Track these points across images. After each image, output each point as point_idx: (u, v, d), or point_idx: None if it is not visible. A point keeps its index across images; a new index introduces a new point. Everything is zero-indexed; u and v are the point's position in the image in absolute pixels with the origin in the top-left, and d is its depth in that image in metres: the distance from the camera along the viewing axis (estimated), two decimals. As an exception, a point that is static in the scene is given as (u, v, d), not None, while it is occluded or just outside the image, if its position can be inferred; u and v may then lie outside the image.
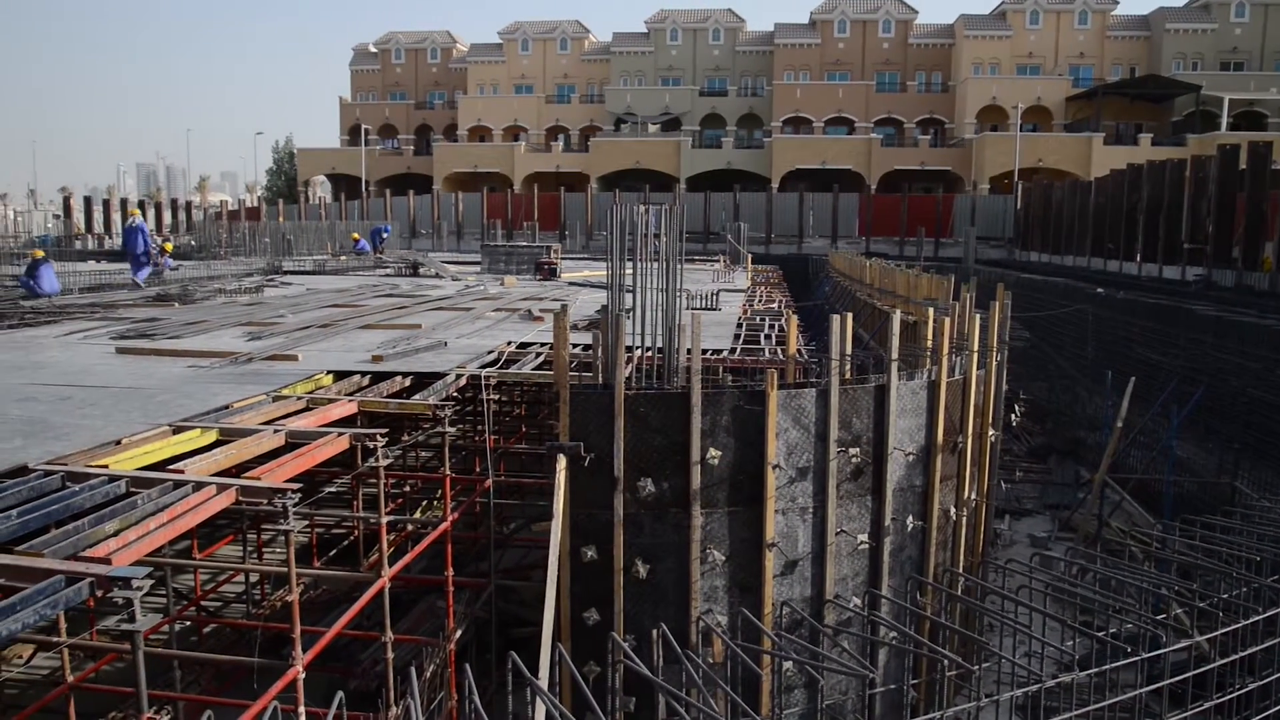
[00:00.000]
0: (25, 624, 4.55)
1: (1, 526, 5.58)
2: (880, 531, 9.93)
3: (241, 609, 12.96)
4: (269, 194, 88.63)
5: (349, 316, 17.03)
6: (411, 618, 12.28)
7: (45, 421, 8.48)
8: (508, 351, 12.62)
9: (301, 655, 6.97)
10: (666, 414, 9.18)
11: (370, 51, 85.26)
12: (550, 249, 32.80)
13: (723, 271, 32.47)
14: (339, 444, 8.02)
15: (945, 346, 10.44)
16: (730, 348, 13.38)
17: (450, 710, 9.79)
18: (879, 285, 20.86)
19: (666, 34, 77.42)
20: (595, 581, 9.31)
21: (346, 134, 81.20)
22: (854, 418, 9.73)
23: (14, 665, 11.22)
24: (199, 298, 20.99)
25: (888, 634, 9.80)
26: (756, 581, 9.43)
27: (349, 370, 11.05)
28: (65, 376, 10.94)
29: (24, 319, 16.47)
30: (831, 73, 74.56)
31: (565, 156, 73.85)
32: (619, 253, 10.09)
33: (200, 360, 12.11)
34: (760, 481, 9.30)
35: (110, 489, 6.43)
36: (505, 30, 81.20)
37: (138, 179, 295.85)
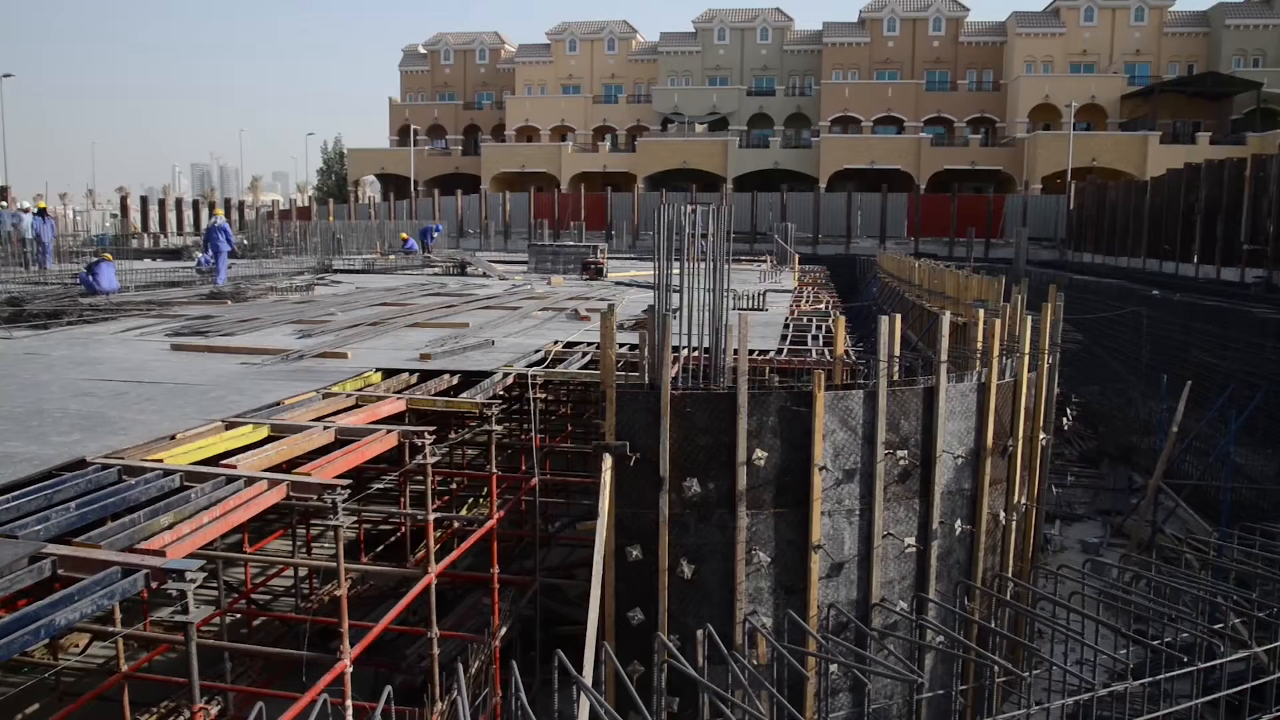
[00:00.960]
0: (83, 614, 4.64)
1: (61, 518, 5.70)
2: (928, 535, 9.83)
3: (290, 603, 13.14)
4: (319, 194, 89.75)
5: (398, 315, 17.19)
6: (457, 614, 12.37)
7: (103, 416, 8.65)
8: (554, 351, 12.67)
9: (349, 649, 7.04)
10: (712, 414, 9.15)
11: (420, 53, 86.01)
12: (597, 249, 32.87)
13: (769, 271, 32.33)
14: (387, 441, 8.09)
15: (996, 348, 10.30)
16: (777, 348, 13.31)
17: (494, 707, 9.85)
18: (928, 286, 20.64)
19: (714, 34, 77.23)
20: (640, 581, 9.32)
21: (396, 134, 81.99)
22: (902, 420, 9.64)
23: (71, 654, 11.47)
24: (251, 296, 21.31)
25: (934, 638, 9.70)
26: (802, 583, 9.37)
27: (397, 368, 11.15)
28: (122, 372, 11.16)
29: (83, 316, 16.82)
30: (880, 71, 73.92)
31: (612, 156, 73.94)
32: (666, 252, 10.07)
33: (252, 357, 12.29)
34: (806, 483, 9.25)
35: (165, 483, 6.55)
36: (553, 31, 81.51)
37: (192, 179, 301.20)
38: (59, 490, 6.22)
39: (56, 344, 13.73)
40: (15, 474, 6.56)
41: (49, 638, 4.95)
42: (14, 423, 8.32)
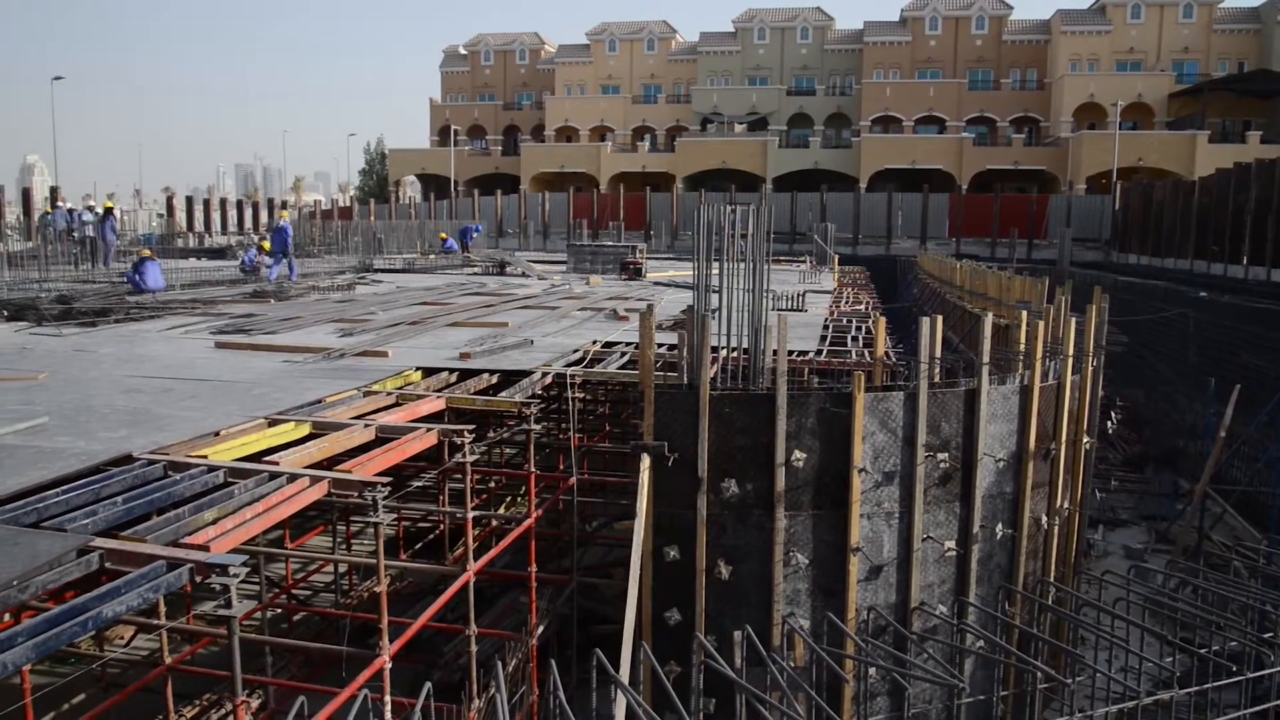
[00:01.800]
0: (129, 606, 4.72)
1: (108, 512, 5.80)
2: (968, 539, 9.73)
3: (330, 598, 13.27)
4: (361, 194, 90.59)
5: (437, 314, 17.30)
6: (494, 612, 12.43)
7: (149, 412, 8.79)
8: (593, 350, 12.69)
9: (388, 645, 7.10)
10: (751, 415, 9.12)
11: (460, 53, 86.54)
12: (635, 249, 32.88)
13: (809, 272, 32.17)
14: (427, 439, 8.15)
15: (1039, 350, 10.17)
16: (816, 349, 13.24)
17: (531, 705, 9.88)
18: (969, 287, 20.44)
19: (754, 33, 76.98)
20: (677, 581, 9.30)
21: (436, 135, 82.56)
22: (943, 422, 9.55)
23: (116, 646, 11.67)
24: (293, 295, 21.56)
25: (974, 643, 9.60)
26: (840, 586, 9.31)
27: (437, 367, 11.22)
28: (168, 369, 11.33)
29: (130, 314, 17.11)
30: (922, 71, 73.26)
31: (651, 156, 73.95)
32: (705, 253, 10.05)
33: (294, 355, 12.43)
34: (845, 485, 9.19)
35: (209, 479, 6.64)
36: (593, 31, 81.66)
37: (236, 179, 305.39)
38: (106, 485, 6.33)
39: (104, 341, 13.97)
40: (64, 468, 6.69)
41: (96, 629, 5.03)
42: (63, 418, 8.48)
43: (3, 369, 11.29)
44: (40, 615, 4.47)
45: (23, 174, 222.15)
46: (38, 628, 4.30)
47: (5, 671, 4.11)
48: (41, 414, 8.53)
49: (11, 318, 16.34)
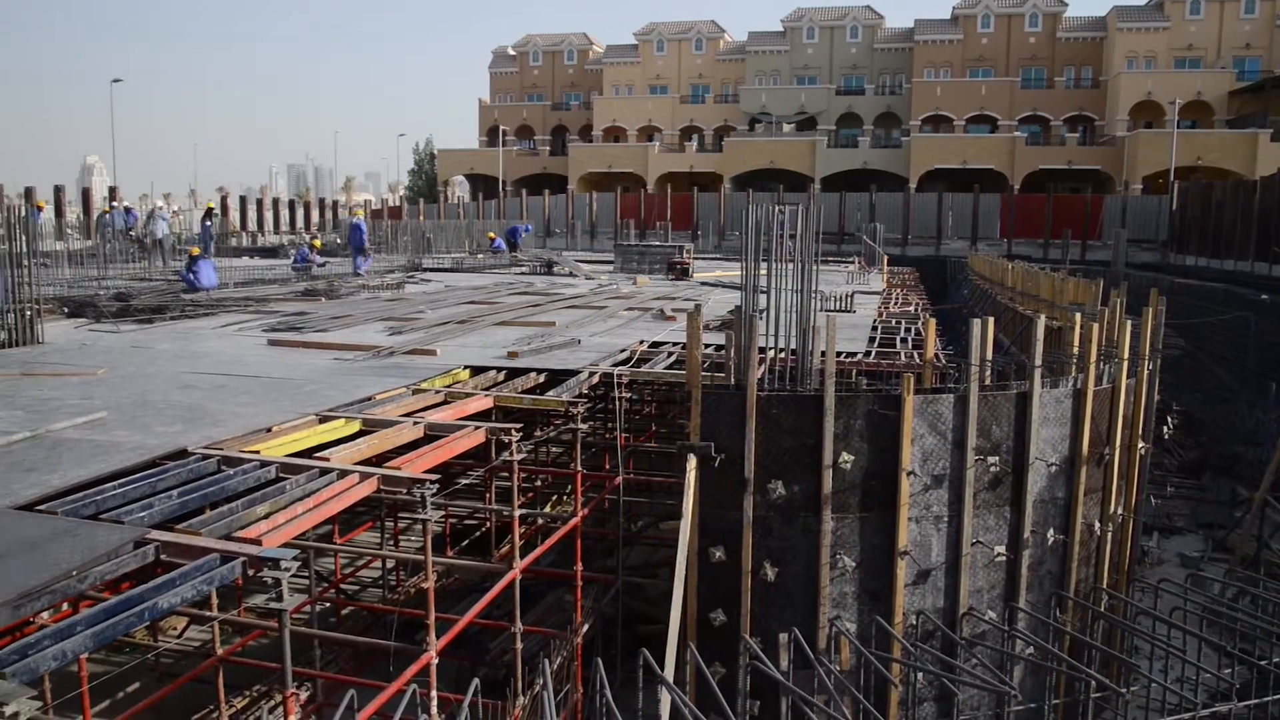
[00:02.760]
0: (184, 598, 4.80)
1: (163, 506, 5.90)
2: (1019, 544, 9.59)
3: (377, 593, 13.41)
4: (410, 193, 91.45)
5: (485, 313, 17.41)
6: (539, 610, 12.47)
7: (203, 408, 8.94)
8: (640, 350, 12.69)
9: (435, 641, 7.15)
10: (799, 416, 9.07)
11: (509, 54, 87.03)
12: (683, 249, 32.84)
13: (857, 273, 31.93)
14: (475, 437, 8.20)
15: (1093, 353, 10.00)
16: (865, 350, 13.14)
17: (575, 703, 9.90)
18: (1021, 289, 20.16)
19: (803, 32, 76.55)
20: (722, 582, 9.27)
21: (485, 135, 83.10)
22: (993, 425, 9.42)
23: (169, 636, 11.88)
24: (344, 293, 21.82)
25: (1024, 649, 9.46)
26: (887, 590, 9.23)
27: (485, 366, 11.29)
28: (221, 366, 11.52)
29: (184, 311, 17.43)
30: (974, 69, 72.36)
31: (699, 157, 73.82)
32: (753, 253, 10.01)
33: (345, 353, 12.58)
34: (893, 488, 9.10)
35: (261, 474, 6.74)
36: (640, 31, 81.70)
37: (288, 179, 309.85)
38: (162, 479, 6.45)
39: (160, 338, 14.25)
40: (122, 462, 6.82)
41: (151, 620, 5.13)
42: (121, 413, 8.65)
43: (63, 364, 11.55)
44: (98, 605, 4.56)
45: (83, 174, 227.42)
46: (96, 617, 4.39)
47: (64, 660, 4.20)
48: (100, 409, 8.72)
49: (71, 314, 16.72)
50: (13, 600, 4.39)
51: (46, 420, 8.22)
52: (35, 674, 3.94)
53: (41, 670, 4.02)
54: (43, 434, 7.74)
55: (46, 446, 7.40)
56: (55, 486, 6.19)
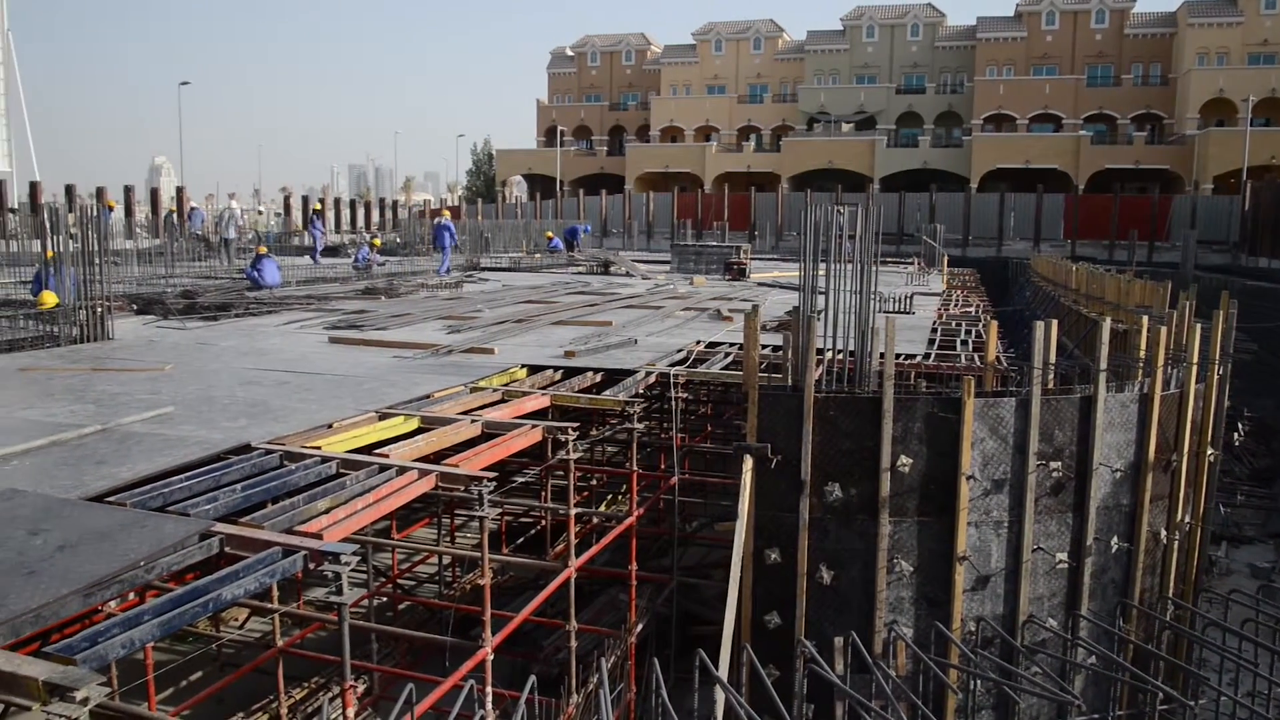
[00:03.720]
0: (247, 590, 4.88)
1: (227, 499, 6.02)
2: (1081, 551, 9.40)
3: (433, 589, 13.54)
4: (468, 193, 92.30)
5: (543, 313, 17.50)
6: (593, 609, 12.50)
7: (266, 404, 9.11)
8: (696, 350, 12.67)
9: (490, 638, 7.20)
10: (857, 418, 8.98)
11: (567, 55, 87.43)
12: (740, 249, 32.72)
13: (917, 274, 31.56)
14: (532, 436, 8.24)
15: (1160, 357, 9.77)
16: (924, 353, 12.98)
17: (628, 702, 9.91)
18: (1085, 291, 19.77)
19: (863, 31, 75.85)
20: (777, 584, 9.22)
21: (543, 135, 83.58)
22: (1056, 430, 9.25)
23: (231, 627, 12.11)
24: (403, 292, 22.08)
25: (1086, 658, 9.27)
26: (945, 595, 9.10)
27: (542, 365, 11.35)
28: (284, 363, 11.72)
29: (249, 309, 17.77)
30: (1038, 67, 71.10)
31: (756, 156, 73.52)
32: (812, 253, 9.93)
33: (404, 351, 12.73)
34: (952, 492, 8.97)
35: (322, 469, 6.84)
36: (699, 31, 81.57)
37: (349, 179, 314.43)
38: (226, 473, 6.57)
39: (225, 335, 14.54)
40: (188, 456, 6.97)
41: (215, 611, 5.23)
42: (188, 408, 8.84)
43: (132, 360, 11.84)
44: (164, 595, 4.66)
45: (151, 174, 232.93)
46: (163, 607, 4.48)
47: (132, 648, 4.29)
48: (167, 403, 8.92)
49: (140, 311, 17.14)
50: (83, 589, 4.50)
51: (116, 414, 8.43)
52: (104, 661, 4.03)
53: (110, 658, 4.12)
54: (112, 427, 7.94)
55: (116, 439, 7.59)
56: (124, 479, 6.35)
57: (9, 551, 4.84)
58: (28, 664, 3.75)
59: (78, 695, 3.55)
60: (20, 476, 6.48)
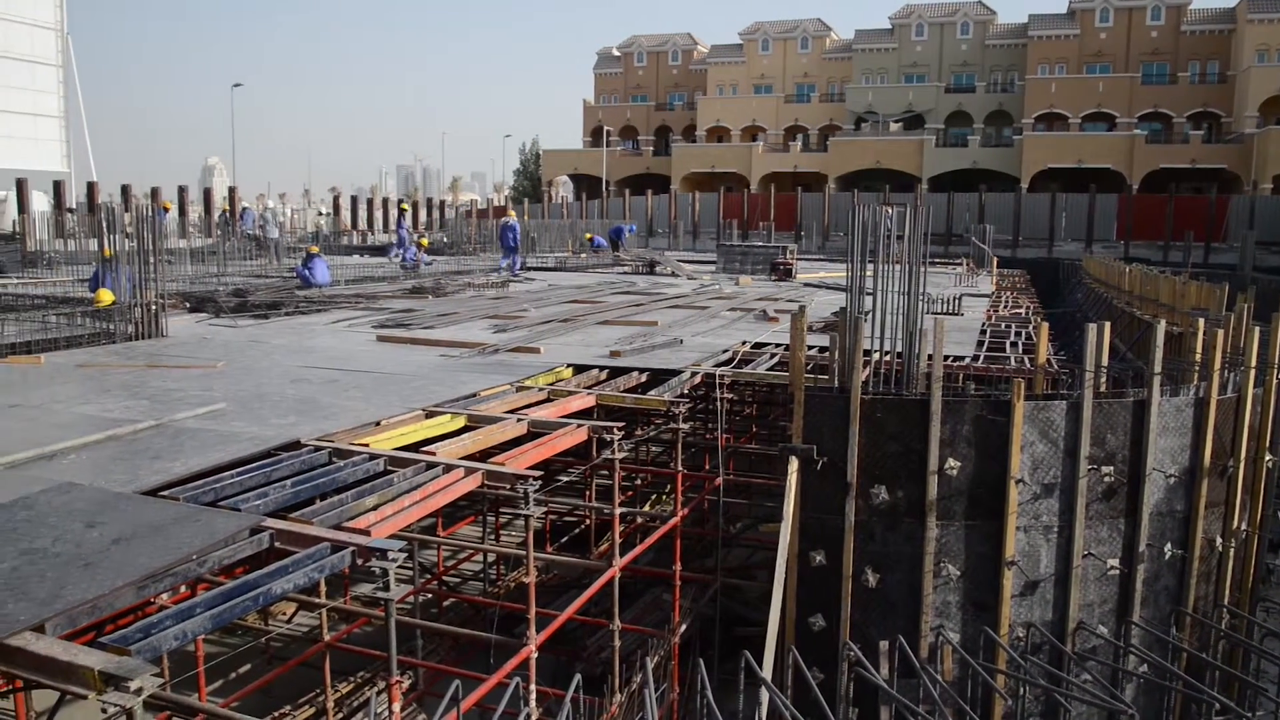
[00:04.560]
0: (296, 585, 4.95)
1: (277, 495, 6.10)
2: (1133, 557, 9.23)
3: (477, 586, 13.63)
4: (515, 193, 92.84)
5: (588, 312, 17.55)
6: (636, 608, 12.51)
7: (315, 401, 9.22)
8: (742, 351, 12.64)
9: (535, 635, 7.23)
10: (904, 420, 8.90)
11: (613, 55, 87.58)
12: (786, 249, 32.57)
13: (965, 275, 31.20)
14: (578, 435, 8.26)
15: (1216, 360, 9.56)
16: (973, 354, 12.83)
17: (671, 702, 9.90)
18: (1139, 292, 19.42)
19: (911, 29, 75.13)
20: (822, 587, 9.16)
21: (589, 135, 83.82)
22: (1108, 434, 9.09)
23: (279, 621, 12.29)
24: (450, 291, 22.26)
25: (1138, 666, 9.10)
26: (993, 600, 8.98)
27: (587, 364, 11.38)
28: (333, 360, 11.87)
29: (298, 307, 18.01)
30: (1091, 65, 69.94)
31: (803, 156, 73.13)
32: (859, 254, 9.86)
33: (451, 350, 12.83)
34: (1001, 496, 8.85)
35: (370, 466, 6.91)
36: (746, 31, 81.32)
37: (397, 179, 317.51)
38: (276, 468, 6.67)
39: (275, 333, 14.75)
40: (239, 451, 7.08)
41: (265, 605, 5.30)
42: (239, 404, 8.98)
43: (185, 357, 12.05)
44: (215, 589, 4.74)
45: (204, 175, 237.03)
46: (214, 600, 4.55)
47: (184, 640, 4.37)
48: (219, 400, 9.07)
49: (193, 309, 17.44)
50: (138, 581, 4.59)
51: (170, 410, 8.59)
52: (158, 652, 4.10)
53: (163, 649, 4.19)
54: (166, 423, 8.09)
55: (169, 435, 7.73)
56: (177, 474, 6.46)
57: (67, 544, 4.95)
58: (84, 654, 3.83)
59: (132, 685, 3.62)
60: (78, 470, 6.62)
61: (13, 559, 4.72)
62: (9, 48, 40.21)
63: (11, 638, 3.92)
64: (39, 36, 41.62)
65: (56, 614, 4.15)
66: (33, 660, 3.87)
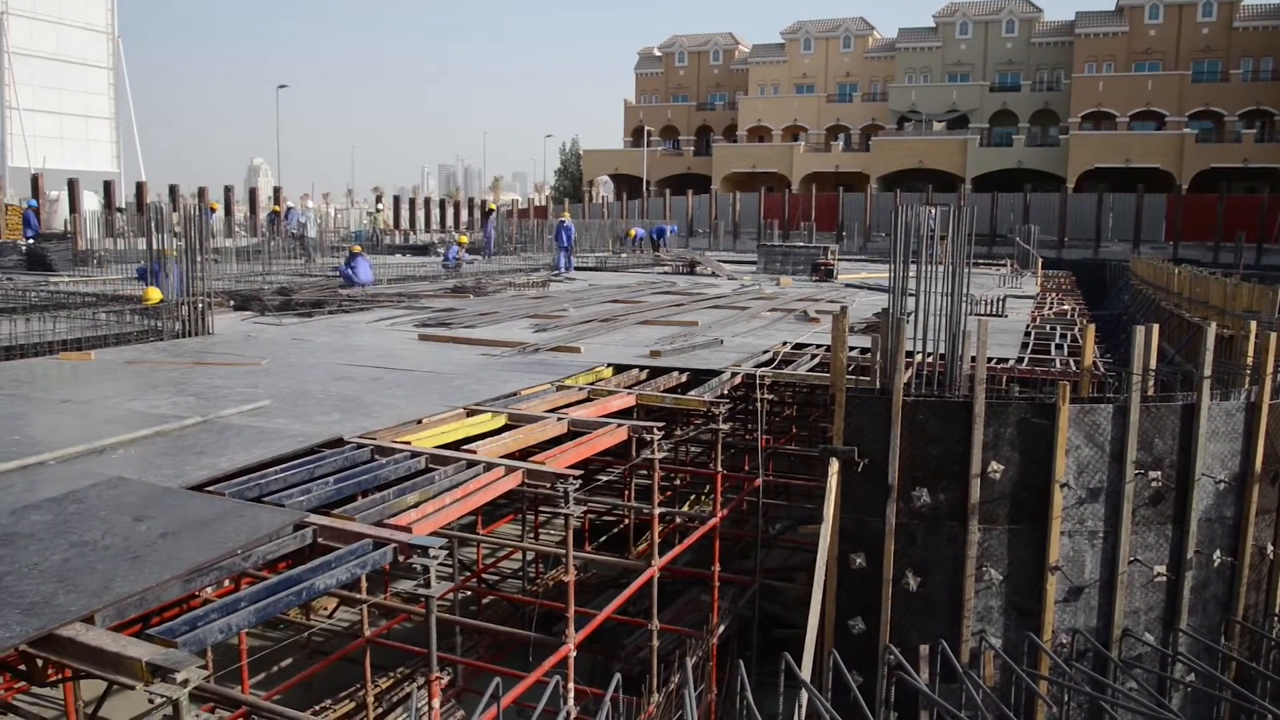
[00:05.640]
0: (339, 580, 5.00)
1: (320, 491, 6.16)
2: (1181, 564, 9.07)
3: (516, 584, 13.69)
4: (555, 193, 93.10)
5: (628, 312, 17.56)
6: (675, 609, 12.50)
7: (358, 399, 9.31)
8: (782, 352, 12.58)
9: (574, 634, 7.24)
10: (946, 423, 8.81)
11: (654, 55, 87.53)
12: (827, 250, 32.39)
13: (1010, 276, 30.82)
14: (617, 435, 8.27)
15: (1269, 364, 9.36)
16: (1017, 356, 12.68)
17: (709, 703, 9.88)
18: (1188, 294, 19.09)
19: (955, 28, 74.36)
20: (862, 589, 9.10)
21: (629, 135, 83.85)
22: (1156, 438, 8.94)
23: (320, 616, 12.42)
24: (491, 290, 22.37)
25: (1186, 675, 8.94)
26: (1036, 605, 8.87)
27: (627, 364, 11.39)
28: (375, 359, 11.97)
29: (341, 306, 18.19)
30: (1140, 63, 68.77)
31: (845, 156, 72.68)
32: (902, 254, 9.77)
33: (491, 349, 12.89)
34: (1045, 500, 8.74)
35: (412, 464, 6.96)
36: (787, 30, 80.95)
37: (439, 179, 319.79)
38: (319, 465, 6.74)
39: (319, 331, 14.91)
40: (283, 448, 7.16)
41: (308, 600, 5.36)
42: (283, 401, 9.09)
43: (231, 355, 12.22)
44: (259, 583, 4.79)
45: (249, 175, 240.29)
46: (258, 594, 4.61)
47: (229, 633, 4.43)
48: (264, 397, 9.18)
49: (238, 308, 17.68)
50: (184, 574, 4.66)
51: (215, 407, 8.71)
52: (203, 645, 4.16)
53: (209, 642, 4.25)
54: (212, 419, 8.20)
55: (215, 431, 7.84)
56: (223, 469, 6.55)
57: (116, 537, 5.03)
58: (132, 645, 3.90)
59: (178, 677, 3.67)
60: (126, 465, 6.74)
61: (64, 551, 4.81)
62: (63, 51, 41.07)
63: (62, 628, 4.00)
64: (91, 40, 42.45)
65: (106, 605, 4.23)
66: (82, 651, 3.95)
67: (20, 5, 39.02)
